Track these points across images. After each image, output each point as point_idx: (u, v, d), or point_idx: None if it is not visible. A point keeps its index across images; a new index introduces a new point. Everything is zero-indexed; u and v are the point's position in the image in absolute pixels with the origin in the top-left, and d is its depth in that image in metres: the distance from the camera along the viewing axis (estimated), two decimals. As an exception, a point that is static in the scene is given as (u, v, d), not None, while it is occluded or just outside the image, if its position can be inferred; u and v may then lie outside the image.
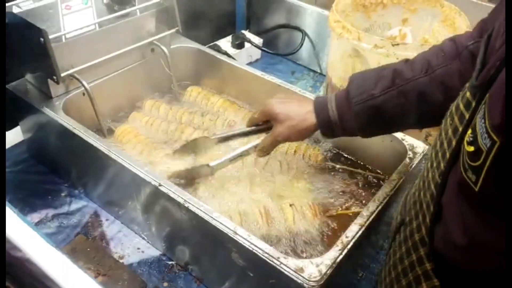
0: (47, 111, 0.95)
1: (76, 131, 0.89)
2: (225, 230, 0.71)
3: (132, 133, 1.01)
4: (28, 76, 1.01)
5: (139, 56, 1.12)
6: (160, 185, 0.78)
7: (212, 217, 0.73)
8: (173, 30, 1.11)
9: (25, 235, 0.58)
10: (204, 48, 1.20)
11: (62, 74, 0.93)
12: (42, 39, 0.87)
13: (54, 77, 0.92)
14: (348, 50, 1.02)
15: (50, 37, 0.89)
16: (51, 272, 0.52)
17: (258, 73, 1.12)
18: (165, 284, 0.85)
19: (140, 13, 1.07)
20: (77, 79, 0.97)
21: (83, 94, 0.99)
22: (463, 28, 1.03)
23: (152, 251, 0.90)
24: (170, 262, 0.88)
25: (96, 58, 1.00)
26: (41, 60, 0.91)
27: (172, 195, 0.77)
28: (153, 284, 0.84)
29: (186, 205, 0.75)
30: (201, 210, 0.74)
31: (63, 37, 0.96)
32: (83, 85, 0.96)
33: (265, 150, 0.85)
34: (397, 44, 0.94)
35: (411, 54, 0.94)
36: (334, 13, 1.05)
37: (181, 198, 0.76)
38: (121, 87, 1.10)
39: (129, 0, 1.05)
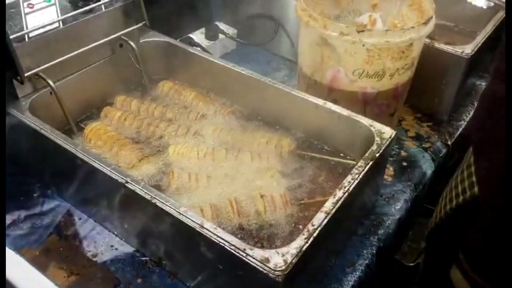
0: (13, 111, 0.93)
1: (43, 132, 0.89)
2: (192, 224, 0.72)
3: (102, 130, 1.01)
4: (-6, 77, 1.00)
5: (108, 52, 1.10)
6: (126, 182, 0.78)
7: (179, 212, 0.73)
8: (140, 25, 1.11)
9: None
10: (174, 42, 1.19)
11: (26, 74, 0.93)
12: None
13: (18, 77, 0.91)
14: (315, 39, 1.02)
15: (12, 36, 0.88)
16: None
17: (230, 65, 1.11)
18: (139, 280, 0.85)
19: (105, 8, 1.06)
20: (43, 78, 0.96)
21: (50, 93, 0.98)
22: (430, 11, 1.03)
23: (126, 248, 0.90)
24: (143, 258, 0.88)
25: (62, 56, 0.99)
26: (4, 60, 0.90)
27: (139, 191, 0.77)
28: (127, 281, 0.84)
29: (153, 201, 0.75)
30: (167, 205, 0.74)
31: (26, 36, 0.94)
32: (48, 84, 0.95)
33: None
34: (363, 31, 0.94)
35: (377, 40, 0.95)
36: (301, 1, 1.05)
37: (148, 194, 0.76)
38: (90, 84, 1.09)
39: (94, -4, 1.04)
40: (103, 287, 0.82)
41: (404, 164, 1.11)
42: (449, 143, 1.19)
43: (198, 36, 1.46)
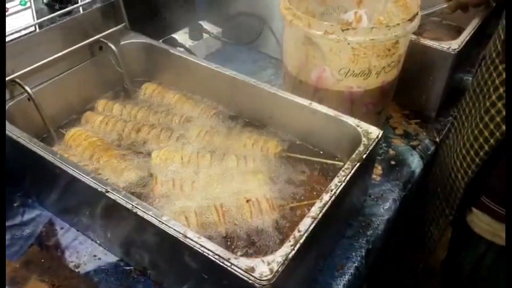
0: (-11, 120, 0.90)
1: (20, 140, 0.86)
2: (175, 234, 0.69)
3: (83, 136, 0.98)
4: (-31, 84, 0.97)
5: (88, 55, 1.08)
6: (107, 191, 0.76)
7: (161, 221, 0.71)
8: (120, 26, 1.08)
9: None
10: (156, 43, 1.16)
11: (2, 81, 0.90)
12: (-26, 46, 0.83)
13: (-7, 84, 0.88)
14: (300, 38, 1.00)
15: (-15, 42, 0.85)
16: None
17: (213, 66, 1.09)
18: (123, 290, 0.83)
19: (83, 10, 1.03)
20: (20, 84, 0.93)
21: (28, 99, 0.95)
22: (415, 7, 1.02)
23: (109, 257, 0.88)
24: (128, 268, 0.86)
25: (39, 60, 0.96)
26: (-23, 67, 0.87)
27: (120, 201, 0.74)
28: (111, 292, 0.82)
29: (135, 210, 0.73)
30: (149, 214, 0.72)
31: (1, 41, 0.91)
32: (25, 90, 0.93)
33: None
34: (347, 29, 0.92)
35: (362, 39, 0.94)
36: (284, -1, 1.03)
37: (129, 203, 0.74)
38: (70, 89, 1.06)
39: (71, -2, 1.01)
40: (86, 299, 0.80)
41: (393, 163, 1.10)
42: (437, 140, 1.18)
43: (182, 36, 1.43)
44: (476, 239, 1.04)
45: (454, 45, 1.15)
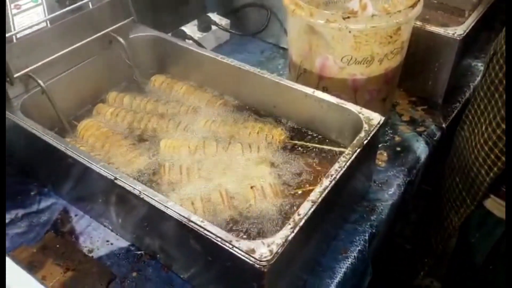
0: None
1: (34, 132, 0.90)
2: (179, 218, 0.73)
3: (94, 127, 1.02)
4: (-15, 79, 1.01)
5: (98, 49, 1.11)
6: (116, 178, 0.79)
7: (166, 206, 0.74)
8: (128, 20, 1.11)
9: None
10: (164, 35, 1.19)
11: (16, 75, 0.94)
12: (-11, 42, 0.87)
13: (8, 78, 0.92)
14: (303, 27, 1.01)
15: None
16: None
17: (219, 57, 1.11)
18: (134, 274, 0.86)
19: (92, 5, 1.06)
20: (33, 78, 0.97)
21: (42, 92, 0.99)
22: (418, -6, 1.02)
23: (121, 243, 0.91)
24: (138, 252, 0.90)
25: (51, 55, 1.00)
26: (-8, 62, 0.91)
27: (127, 187, 0.78)
28: (122, 275, 0.86)
29: (142, 196, 0.76)
30: (155, 200, 0.75)
31: (14, 37, 0.95)
32: (38, 84, 0.96)
33: None
34: (348, 17, 0.93)
35: (363, 26, 0.95)
36: (287, -11, 1.04)
37: (137, 190, 0.77)
38: (82, 81, 1.10)
39: (80, -6, 1.04)
40: (99, 282, 0.84)
41: (398, 149, 1.11)
42: (444, 126, 1.18)
43: (191, 28, 1.46)
44: (495, 221, 1.05)
45: (460, 30, 1.15)
